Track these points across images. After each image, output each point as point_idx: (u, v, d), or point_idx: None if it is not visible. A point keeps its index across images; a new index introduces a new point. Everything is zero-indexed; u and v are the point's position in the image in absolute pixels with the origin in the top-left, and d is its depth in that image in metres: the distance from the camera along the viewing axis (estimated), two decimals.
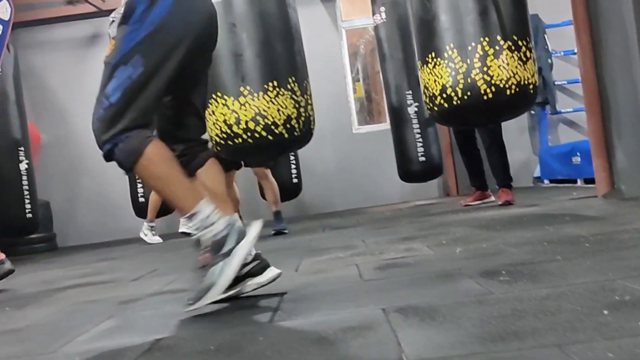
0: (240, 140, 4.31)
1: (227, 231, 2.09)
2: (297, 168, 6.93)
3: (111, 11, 7.55)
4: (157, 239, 6.23)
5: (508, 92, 4.09)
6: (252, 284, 2.18)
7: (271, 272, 2.19)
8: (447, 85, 4.28)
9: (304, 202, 7.85)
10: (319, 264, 2.88)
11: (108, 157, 2.07)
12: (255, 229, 2.15)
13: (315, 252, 3.38)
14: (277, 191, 5.41)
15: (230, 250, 2.08)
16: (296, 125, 4.31)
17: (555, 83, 7.82)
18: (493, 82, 4.10)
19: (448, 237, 3.24)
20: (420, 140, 6.42)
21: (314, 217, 7.23)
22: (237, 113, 4.29)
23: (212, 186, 2.26)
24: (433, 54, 4.34)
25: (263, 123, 4.24)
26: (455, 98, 4.26)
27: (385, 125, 7.74)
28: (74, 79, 8.03)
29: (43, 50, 8.14)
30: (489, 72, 4.10)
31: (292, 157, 6.82)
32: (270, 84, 4.29)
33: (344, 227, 5.02)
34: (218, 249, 2.08)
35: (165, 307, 2.32)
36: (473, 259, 2.43)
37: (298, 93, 4.36)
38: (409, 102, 6.42)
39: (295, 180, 6.92)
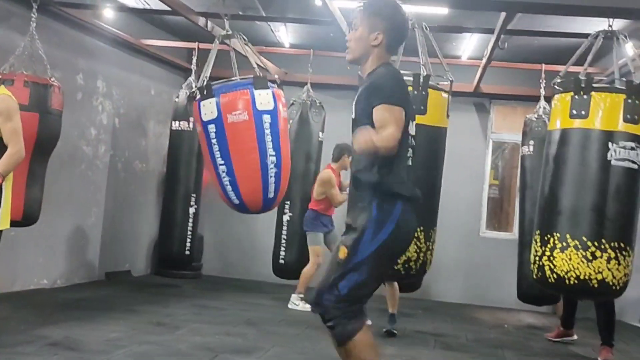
0: None
1: None
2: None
3: (294, 83, 8.81)
4: (308, 307, 7.25)
5: (567, 282, 4.95)
6: None
7: None
8: (530, 261, 5.31)
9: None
10: None
11: (331, 328, 2.97)
12: None
13: None
14: (398, 296, 6.34)
15: None
16: (413, 267, 5.20)
17: None
18: (556, 270, 4.99)
19: None
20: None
21: (427, 305, 8.19)
22: None
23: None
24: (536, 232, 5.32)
25: None
26: (533, 273, 5.27)
27: (511, 235, 8.66)
28: None
29: None
30: (554, 262, 5.00)
31: None
32: None
33: (452, 348, 5.93)
34: None
35: None
36: None
37: (422, 241, 5.22)
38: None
39: None
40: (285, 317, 6.77)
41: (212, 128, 5.49)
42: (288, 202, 7.53)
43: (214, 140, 5.52)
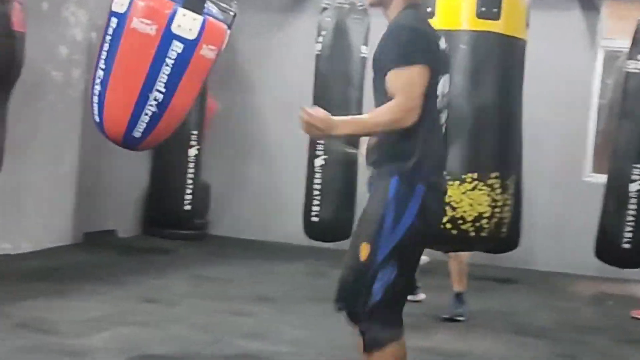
0: None
1: None
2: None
3: None
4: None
5: None
6: None
7: None
8: None
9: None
10: None
11: (362, 333, 3.50)
12: None
13: None
14: (465, 272, 6.72)
15: None
16: (486, 226, 5.51)
17: None
18: None
19: None
20: (633, 224, 7.42)
21: (505, 274, 8.80)
22: None
23: None
24: None
25: (450, 215, 5.39)
26: None
27: None
28: (266, 46, 9.83)
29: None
30: None
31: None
32: (470, 175, 5.49)
33: (524, 333, 6.39)
34: None
35: None
36: None
37: (498, 192, 5.53)
38: (634, 177, 7.39)
39: None
40: (311, 291, 7.37)
41: (113, 22, 5.95)
42: (321, 142, 7.89)
43: (107, 37, 5.99)
